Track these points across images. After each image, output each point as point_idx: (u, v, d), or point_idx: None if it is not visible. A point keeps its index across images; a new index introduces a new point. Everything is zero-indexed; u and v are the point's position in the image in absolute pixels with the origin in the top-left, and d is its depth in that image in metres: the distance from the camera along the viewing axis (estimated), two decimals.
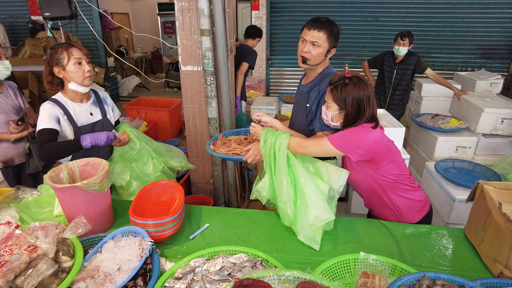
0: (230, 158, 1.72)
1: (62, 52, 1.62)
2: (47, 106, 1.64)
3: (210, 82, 2.44)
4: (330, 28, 1.57)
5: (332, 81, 1.46)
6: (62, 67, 1.64)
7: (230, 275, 1.17)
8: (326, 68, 1.71)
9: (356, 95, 1.38)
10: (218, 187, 2.85)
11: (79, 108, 1.73)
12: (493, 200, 1.25)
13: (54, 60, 1.63)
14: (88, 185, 1.35)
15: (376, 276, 1.14)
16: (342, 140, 1.40)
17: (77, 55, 1.64)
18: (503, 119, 2.79)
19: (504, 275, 1.17)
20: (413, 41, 3.35)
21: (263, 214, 1.68)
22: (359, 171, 1.52)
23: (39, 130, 1.58)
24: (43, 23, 5.69)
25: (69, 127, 1.68)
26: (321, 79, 1.66)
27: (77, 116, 1.72)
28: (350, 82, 1.40)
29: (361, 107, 1.40)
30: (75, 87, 1.68)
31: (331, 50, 1.63)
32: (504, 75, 5.73)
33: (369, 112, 1.42)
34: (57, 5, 3.37)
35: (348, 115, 1.42)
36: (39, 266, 1.02)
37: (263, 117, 1.68)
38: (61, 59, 1.62)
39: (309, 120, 1.71)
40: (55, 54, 1.63)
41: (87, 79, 1.68)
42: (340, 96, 1.40)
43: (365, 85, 1.40)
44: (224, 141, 1.90)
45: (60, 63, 1.63)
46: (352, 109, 1.40)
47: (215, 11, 2.26)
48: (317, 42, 1.57)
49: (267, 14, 6.08)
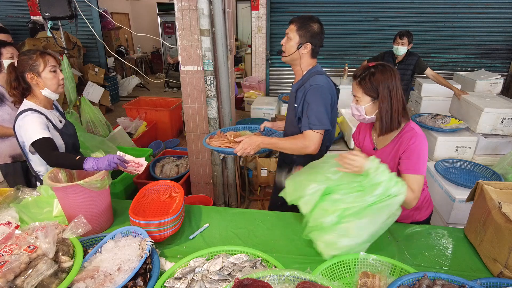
0: (221, 150, 1.72)
1: (37, 59, 1.61)
2: (35, 116, 1.60)
3: (210, 82, 2.44)
4: (302, 21, 1.61)
5: (357, 74, 1.42)
6: (37, 74, 1.62)
7: (230, 275, 1.17)
8: (313, 67, 1.71)
9: (386, 81, 1.35)
10: (218, 187, 2.85)
11: (51, 115, 1.74)
12: (493, 200, 1.25)
13: (28, 66, 1.60)
14: (90, 183, 1.35)
15: (376, 276, 1.14)
16: (423, 163, 1.37)
17: (52, 63, 1.65)
18: (503, 119, 2.79)
19: (504, 275, 1.17)
20: (412, 41, 3.35)
21: (263, 214, 1.68)
22: (393, 169, 1.45)
23: (40, 138, 1.55)
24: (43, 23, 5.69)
25: (55, 133, 1.69)
26: (307, 78, 1.67)
27: (56, 122, 1.74)
28: (376, 70, 1.37)
29: (392, 92, 1.36)
30: (49, 94, 1.68)
31: (304, 44, 1.63)
32: (504, 75, 5.73)
33: (401, 95, 1.37)
34: (57, 5, 3.37)
35: (382, 103, 1.37)
36: (39, 266, 1.02)
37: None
38: (36, 66, 1.61)
39: (298, 120, 1.71)
40: (29, 60, 1.61)
41: (61, 87, 1.71)
42: (370, 86, 1.37)
43: (392, 70, 1.38)
44: (220, 136, 1.90)
45: (35, 69, 1.61)
46: (385, 96, 1.36)
47: (215, 11, 2.26)
48: (288, 33, 1.64)
49: (267, 14, 6.08)
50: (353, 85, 1.45)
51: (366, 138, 1.60)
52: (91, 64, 6.11)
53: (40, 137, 1.55)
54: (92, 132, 3.52)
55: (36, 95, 1.69)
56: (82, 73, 5.86)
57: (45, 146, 1.55)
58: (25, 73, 1.62)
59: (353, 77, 1.45)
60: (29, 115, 1.61)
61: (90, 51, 6.62)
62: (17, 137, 1.68)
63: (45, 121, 1.64)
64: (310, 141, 1.58)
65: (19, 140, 1.67)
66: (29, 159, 1.73)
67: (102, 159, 1.48)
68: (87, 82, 5.76)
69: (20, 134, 1.63)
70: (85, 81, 5.80)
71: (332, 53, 6.25)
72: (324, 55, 6.29)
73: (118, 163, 1.49)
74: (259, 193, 3.55)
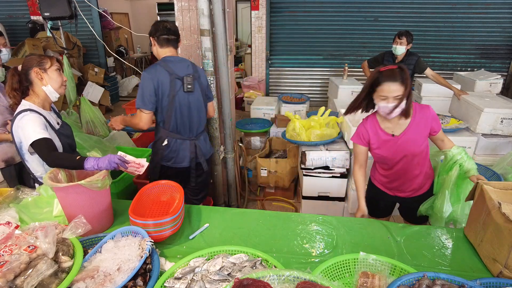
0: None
1: (45, 58, 1.68)
2: (33, 116, 1.61)
3: (210, 82, 2.44)
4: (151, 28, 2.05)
5: (396, 76, 1.57)
6: (43, 70, 1.66)
7: (230, 275, 1.17)
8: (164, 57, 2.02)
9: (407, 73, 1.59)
10: (217, 187, 2.85)
11: (49, 116, 1.74)
12: (493, 200, 1.25)
13: (36, 62, 1.65)
14: (91, 182, 1.36)
15: (375, 276, 1.14)
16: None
17: (58, 64, 1.71)
18: (503, 119, 2.79)
19: (504, 274, 1.17)
20: (411, 41, 3.35)
21: (263, 214, 1.68)
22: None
23: (39, 139, 1.54)
24: (42, 23, 5.69)
25: (52, 134, 1.69)
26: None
27: (53, 123, 1.74)
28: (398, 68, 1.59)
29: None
30: (50, 92, 1.69)
31: (152, 41, 2.04)
32: (504, 75, 5.74)
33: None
34: (56, 5, 3.36)
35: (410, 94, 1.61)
36: (39, 266, 1.02)
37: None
38: (43, 63, 1.66)
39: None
40: (37, 57, 1.67)
41: (63, 87, 1.75)
42: (407, 83, 1.57)
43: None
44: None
45: (42, 66, 1.66)
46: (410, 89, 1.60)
47: (215, 11, 2.26)
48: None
49: (267, 14, 6.08)
50: (392, 88, 1.57)
51: (378, 132, 1.77)
52: (91, 64, 6.11)
53: (40, 137, 1.55)
54: (92, 132, 3.52)
55: (37, 93, 1.69)
56: (82, 73, 5.86)
57: (44, 146, 1.55)
58: (31, 69, 1.64)
59: (390, 79, 1.57)
60: (28, 115, 1.60)
61: (90, 51, 6.62)
62: (14, 138, 1.67)
63: (44, 121, 1.64)
64: (139, 118, 1.95)
65: (16, 141, 1.66)
66: (25, 160, 1.72)
67: (102, 159, 1.48)
68: (87, 82, 5.76)
69: (18, 134, 1.62)
70: (85, 81, 5.80)
71: (332, 53, 6.26)
72: (324, 55, 6.30)
73: (118, 163, 1.49)
74: (259, 193, 3.56)
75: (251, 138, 4.01)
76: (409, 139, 1.71)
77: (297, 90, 6.55)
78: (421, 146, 1.72)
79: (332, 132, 2.72)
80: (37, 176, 1.76)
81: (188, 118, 2.06)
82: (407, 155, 1.74)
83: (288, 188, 3.36)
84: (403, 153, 1.73)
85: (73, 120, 3.41)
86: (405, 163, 1.77)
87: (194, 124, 2.11)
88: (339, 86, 4.65)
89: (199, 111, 2.11)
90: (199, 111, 2.11)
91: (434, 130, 1.72)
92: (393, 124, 1.73)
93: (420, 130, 1.71)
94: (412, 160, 1.76)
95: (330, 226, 1.56)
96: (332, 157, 2.56)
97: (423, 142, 1.72)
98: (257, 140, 4.01)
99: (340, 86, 4.65)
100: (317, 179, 2.65)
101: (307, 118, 3.16)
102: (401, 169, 1.80)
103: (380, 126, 1.77)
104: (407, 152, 1.73)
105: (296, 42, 6.25)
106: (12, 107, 1.71)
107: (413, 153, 1.73)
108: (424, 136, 1.72)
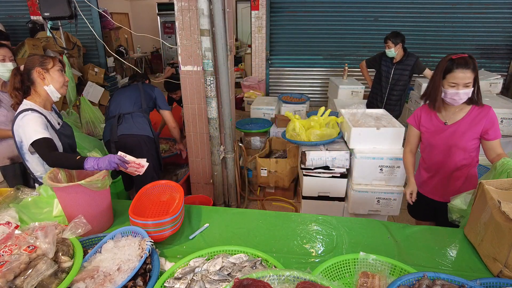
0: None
1: (47, 58, 1.69)
2: (34, 116, 1.61)
3: (210, 82, 2.44)
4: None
5: (468, 64, 1.59)
6: (46, 70, 1.67)
7: (230, 275, 1.17)
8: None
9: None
10: (217, 187, 2.85)
11: (50, 116, 1.74)
12: (494, 199, 1.25)
13: (38, 62, 1.67)
14: (91, 182, 1.36)
15: (375, 276, 1.14)
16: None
17: (60, 64, 1.73)
18: (503, 119, 2.79)
19: (504, 274, 1.17)
20: (400, 41, 3.33)
21: (263, 214, 1.68)
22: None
23: (39, 138, 1.55)
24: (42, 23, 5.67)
25: (53, 134, 1.69)
26: None
27: (54, 124, 1.75)
28: (468, 57, 1.61)
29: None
30: (52, 92, 1.70)
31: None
32: (504, 75, 5.73)
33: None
34: (56, 5, 3.36)
35: (478, 82, 1.65)
36: (39, 266, 1.02)
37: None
38: (46, 63, 1.68)
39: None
40: (40, 57, 1.69)
41: (64, 88, 1.76)
42: (476, 71, 1.61)
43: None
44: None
45: (45, 65, 1.67)
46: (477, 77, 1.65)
47: (215, 11, 2.26)
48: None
49: (267, 14, 6.08)
50: (461, 75, 1.60)
51: (432, 118, 1.84)
52: (91, 64, 6.10)
53: (40, 137, 1.55)
54: (92, 132, 3.52)
55: (38, 93, 1.69)
56: (82, 73, 5.85)
57: (45, 146, 1.55)
58: (33, 68, 1.65)
59: (463, 66, 1.59)
60: (29, 115, 1.61)
61: (90, 51, 6.62)
62: (14, 137, 1.67)
63: (44, 121, 1.64)
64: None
65: (17, 141, 1.66)
66: (26, 160, 1.72)
67: (102, 159, 1.47)
68: (87, 82, 5.75)
69: (19, 134, 1.62)
70: (85, 81, 5.80)
71: (332, 53, 6.26)
72: (324, 55, 6.30)
73: (118, 163, 1.49)
74: (259, 193, 3.55)
75: (251, 138, 4.01)
76: (459, 130, 1.73)
77: (297, 90, 6.55)
78: (469, 141, 1.73)
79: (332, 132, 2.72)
80: (37, 176, 1.76)
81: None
82: (453, 146, 1.76)
83: (288, 188, 3.36)
84: (450, 143, 1.76)
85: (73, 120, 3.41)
86: (450, 155, 1.79)
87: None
88: (339, 86, 4.65)
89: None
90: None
91: (487, 132, 1.70)
92: (449, 113, 1.76)
93: (473, 126, 1.72)
94: (457, 154, 1.77)
95: (330, 226, 1.56)
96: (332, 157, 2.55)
97: (473, 138, 1.73)
98: (257, 140, 4.01)
99: (340, 86, 4.65)
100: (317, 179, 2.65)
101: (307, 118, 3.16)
102: (444, 161, 1.82)
103: (435, 113, 1.82)
104: (454, 143, 1.75)
105: (296, 42, 6.25)
106: (14, 106, 1.71)
107: (460, 147, 1.75)
108: (475, 133, 1.72)
